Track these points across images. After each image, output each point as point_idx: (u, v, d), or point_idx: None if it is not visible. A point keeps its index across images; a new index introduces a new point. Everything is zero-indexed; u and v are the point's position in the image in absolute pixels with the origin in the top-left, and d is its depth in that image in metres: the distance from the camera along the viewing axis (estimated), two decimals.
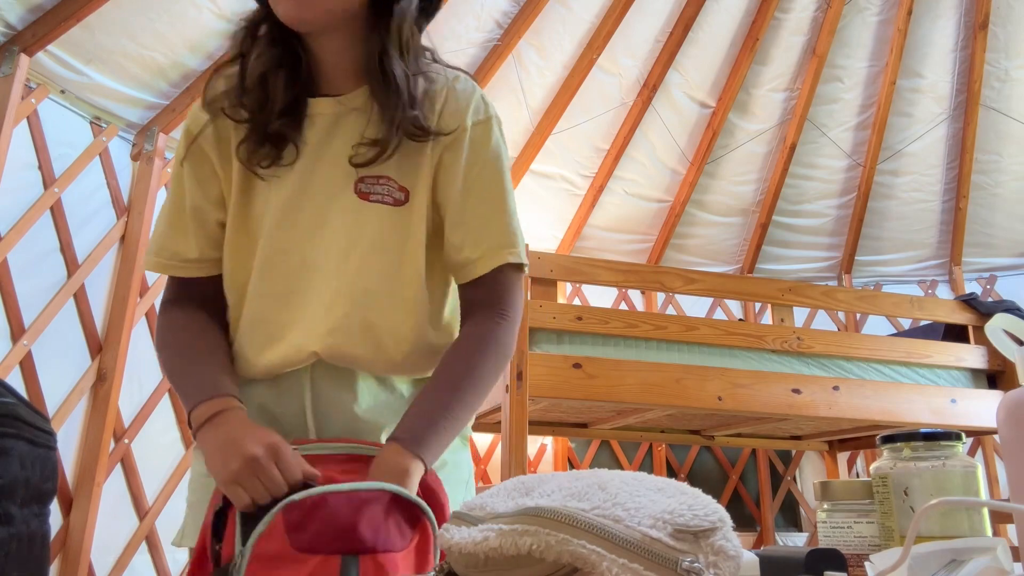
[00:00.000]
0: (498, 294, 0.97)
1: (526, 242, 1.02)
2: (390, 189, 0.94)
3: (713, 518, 0.51)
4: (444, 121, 0.95)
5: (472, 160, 0.96)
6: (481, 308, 0.97)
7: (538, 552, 0.50)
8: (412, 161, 0.95)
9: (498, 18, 3.62)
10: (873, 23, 4.08)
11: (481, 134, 0.98)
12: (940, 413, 2.80)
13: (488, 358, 0.94)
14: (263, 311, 0.95)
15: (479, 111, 0.98)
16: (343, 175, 0.94)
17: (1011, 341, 0.84)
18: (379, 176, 0.94)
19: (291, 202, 0.94)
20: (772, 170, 4.41)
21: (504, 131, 1.02)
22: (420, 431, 0.87)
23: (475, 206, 0.96)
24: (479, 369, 0.93)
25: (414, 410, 0.90)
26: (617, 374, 2.46)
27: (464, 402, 0.92)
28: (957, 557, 0.63)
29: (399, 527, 0.78)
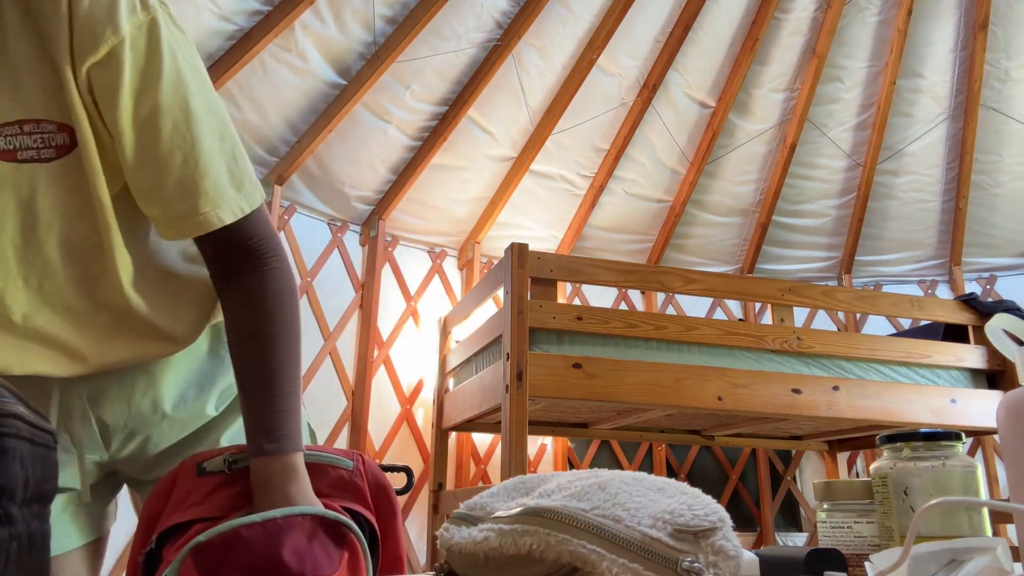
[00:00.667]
0: (242, 245, 0.78)
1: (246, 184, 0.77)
2: (46, 137, 0.67)
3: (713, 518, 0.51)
4: (80, 31, 0.65)
5: (141, 85, 0.68)
6: (231, 260, 0.79)
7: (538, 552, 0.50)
8: (61, 91, 0.67)
9: (498, 18, 3.62)
10: (873, 23, 4.08)
11: (146, 42, 0.68)
12: (940, 413, 2.80)
13: (284, 315, 0.79)
14: None
15: (136, 10, 0.67)
16: None
17: (1011, 341, 0.84)
18: (21, 121, 0.65)
19: None
20: (772, 170, 4.41)
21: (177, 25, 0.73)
22: (277, 429, 0.76)
23: (158, 150, 0.71)
24: (283, 330, 0.79)
25: (253, 411, 0.77)
26: (617, 374, 2.46)
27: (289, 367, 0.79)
28: (957, 557, 0.63)
29: (325, 549, 0.72)
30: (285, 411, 0.77)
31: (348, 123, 3.53)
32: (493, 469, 3.90)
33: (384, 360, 3.73)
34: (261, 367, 0.77)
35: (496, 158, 4.02)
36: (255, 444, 0.76)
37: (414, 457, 3.67)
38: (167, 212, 0.73)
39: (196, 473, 0.77)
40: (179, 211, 0.73)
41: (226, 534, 0.68)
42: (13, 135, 0.65)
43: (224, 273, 0.80)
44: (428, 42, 3.49)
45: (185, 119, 0.71)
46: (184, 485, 0.77)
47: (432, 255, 4.12)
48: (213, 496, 0.76)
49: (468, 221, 4.15)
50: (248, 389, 0.78)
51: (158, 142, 0.70)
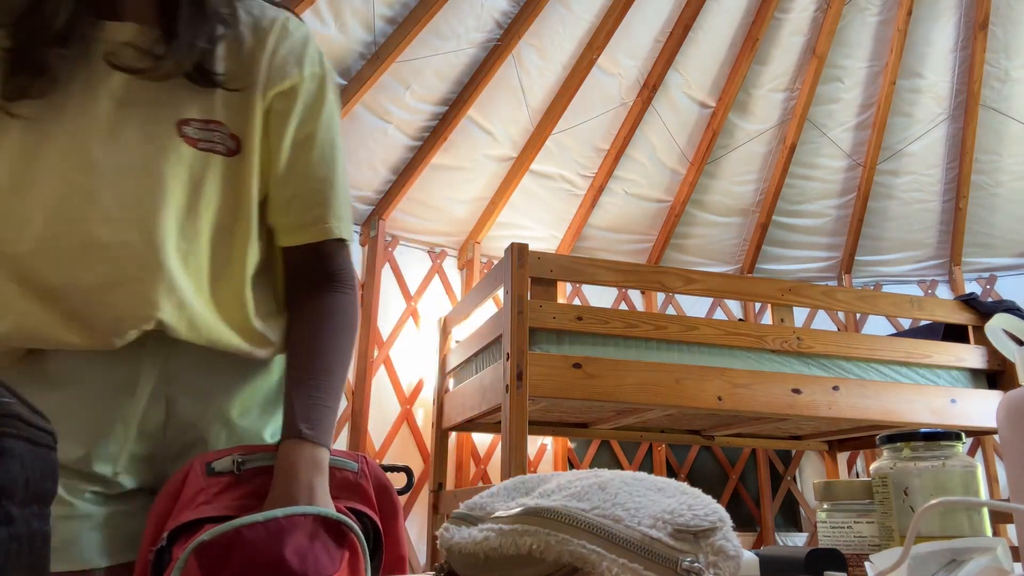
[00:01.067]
0: (335, 268, 0.91)
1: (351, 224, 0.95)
2: (222, 136, 0.83)
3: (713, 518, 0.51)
4: (276, 65, 0.85)
5: (307, 116, 0.88)
6: (319, 279, 0.91)
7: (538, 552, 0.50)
8: (242, 108, 0.84)
9: (498, 18, 3.62)
10: (873, 23, 4.08)
11: (316, 90, 0.89)
12: (940, 413, 2.80)
13: (347, 333, 0.90)
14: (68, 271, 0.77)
15: (314, 61, 0.89)
16: (159, 114, 0.80)
17: (1011, 341, 0.84)
18: (208, 120, 0.82)
19: (95, 141, 0.77)
20: (772, 170, 4.42)
21: (337, 89, 0.95)
22: (316, 420, 0.81)
23: (306, 169, 0.88)
24: (343, 344, 0.89)
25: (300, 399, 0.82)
26: (617, 374, 2.46)
27: (339, 379, 0.87)
28: (957, 557, 0.63)
29: (327, 549, 0.73)
30: (327, 409, 0.83)
31: (348, 123, 3.53)
32: (493, 469, 3.90)
33: (384, 360, 3.74)
34: (317, 366, 0.85)
35: (496, 158, 4.02)
36: (294, 427, 0.80)
37: (414, 457, 3.67)
38: (301, 218, 0.89)
39: (205, 473, 0.78)
40: (311, 218, 0.89)
41: (228, 533, 0.68)
42: (200, 128, 0.81)
43: (308, 286, 0.91)
44: (428, 42, 3.49)
45: (331, 150, 0.91)
46: (193, 484, 0.77)
47: (432, 255, 4.12)
48: (222, 496, 0.76)
49: (468, 221, 4.15)
50: (299, 382, 0.84)
51: (308, 160, 0.89)
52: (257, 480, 0.78)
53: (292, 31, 0.88)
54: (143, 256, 0.78)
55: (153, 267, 0.78)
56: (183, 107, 0.81)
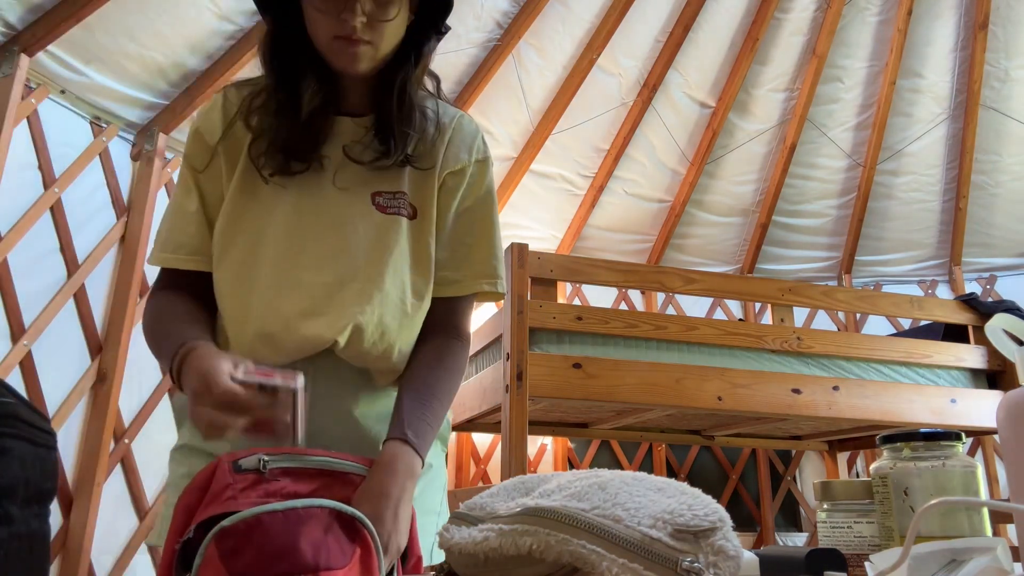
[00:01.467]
0: (458, 319, 1.08)
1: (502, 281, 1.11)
2: (404, 204, 1.03)
3: (713, 518, 0.51)
4: (451, 152, 1.06)
5: (470, 192, 1.08)
6: (439, 329, 1.06)
7: (538, 552, 0.50)
8: (422, 184, 1.04)
9: (498, 18, 3.62)
10: (873, 23, 4.08)
11: (480, 171, 1.10)
12: (940, 413, 2.80)
13: (456, 376, 1.05)
14: (274, 301, 0.97)
15: (479, 150, 1.11)
16: (360, 188, 1.01)
17: (1011, 341, 0.84)
18: (395, 191, 1.02)
19: (308, 206, 0.99)
20: (772, 170, 4.41)
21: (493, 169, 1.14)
22: (419, 432, 0.93)
23: (466, 232, 1.07)
24: (450, 383, 1.03)
25: (410, 413, 0.95)
26: (617, 374, 2.46)
27: (444, 409, 1.01)
28: (957, 557, 0.63)
29: (339, 543, 0.76)
30: (429, 428, 0.96)
31: None
32: (493, 469, 3.90)
33: None
34: (431, 393, 0.99)
35: (496, 158, 4.00)
36: (401, 431, 0.92)
37: None
38: (458, 274, 1.07)
39: (232, 469, 0.81)
40: (469, 273, 1.07)
41: (248, 520, 0.72)
42: (390, 198, 1.02)
43: (437, 334, 1.06)
44: None
45: (489, 222, 1.10)
46: (221, 480, 0.80)
47: None
48: (248, 492, 0.79)
49: None
50: (414, 399, 0.98)
51: (469, 228, 1.08)
52: (282, 480, 0.82)
53: (465, 127, 1.11)
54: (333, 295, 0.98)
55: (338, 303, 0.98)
56: (377, 182, 1.02)
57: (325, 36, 0.95)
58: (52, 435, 0.58)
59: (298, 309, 0.97)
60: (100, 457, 2.67)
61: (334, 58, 0.96)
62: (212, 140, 1.01)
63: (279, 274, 0.98)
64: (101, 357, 2.78)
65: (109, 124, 2.95)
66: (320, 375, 0.98)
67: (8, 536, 0.45)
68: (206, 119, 1.03)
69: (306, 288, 0.98)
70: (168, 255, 1.00)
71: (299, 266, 0.98)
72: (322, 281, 0.98)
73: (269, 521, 0.72)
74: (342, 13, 0.92)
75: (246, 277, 0.99)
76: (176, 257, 1.00)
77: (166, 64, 2.94)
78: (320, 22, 0.94)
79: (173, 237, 1.01)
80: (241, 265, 0.99)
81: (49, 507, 0.57)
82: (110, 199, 2.94)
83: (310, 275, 0.98)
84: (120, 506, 2.79)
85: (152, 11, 2.76)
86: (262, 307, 0.97)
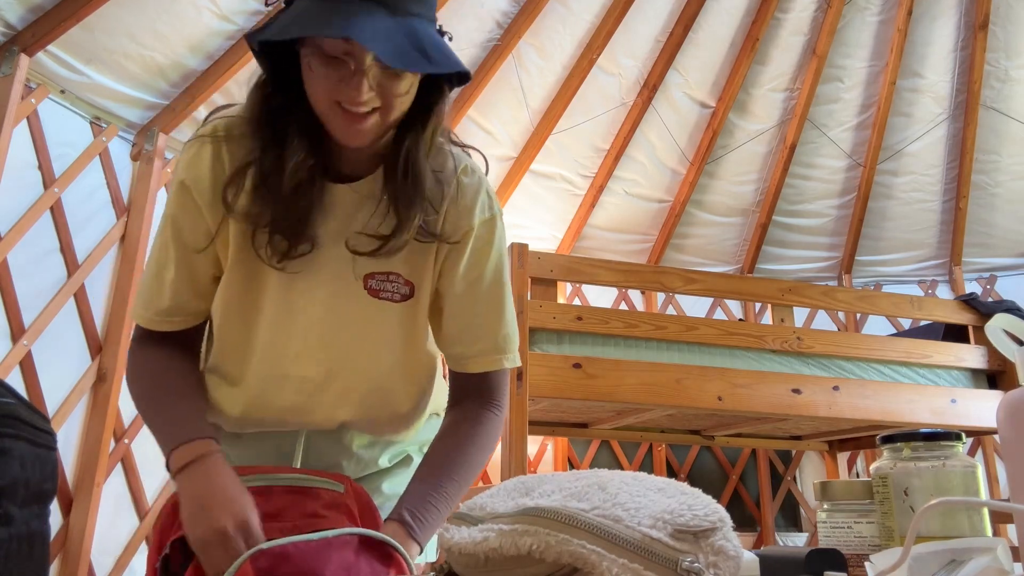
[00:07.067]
0: (490, 389, 1.02)
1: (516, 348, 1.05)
2: (398, 286, 0.96)
3: (713, 518, 0.51)
4: (450, 219, 0.96)
5: (475, 259, 0.99)
6: (473, 399, 1.01)
7: (538, 552, 0.50)
8: (419, 256, 0.96)
9: (498, 18, 3.62)
10: (873, 23, 4.08)
11: (486, 233, 0.99)
12: (940, 413, 2.80)
13: (481, 449, 0.99)
14: (264, 395, 0.96)
15: (484, 209, 0.99)
16: (352, 269, 0.94)
17: (1011, 341, 0.84)
18: (388, 272, 0.95)
19: (300, 289, 0.94)
20: (772, 170, 4.41)
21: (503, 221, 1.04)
22: (421, 515, 0.89)
23: (474, 305, 0.99)
24: (473, 457, 0.97)
25: (414, 493, 0.91)
26: (617, 374, 2.46)
27: (459, 488, 0.95)
28: (957, 557, 0.63)
29: (371, 566, 0.78)
30: (435, 511, 0.90)
31: None
32: (493, 469, 3.89)
33: None
34: (446, 471, 0.94)
35: (496, 158, 4.02)
36: (399, 513, 0.88)
37: None
38: (470, 350, 1.00)
39: None
40: (478, 350, 1.00)
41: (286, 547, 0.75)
42: (383, 280, 0.95)
43: (468, 400, 1.01)
44: None
45: (498, 287, 1.01)
46: None
47: None
48: None
49: None
50: (424, 478, 0.94)
51: (476, 300, 0.99)
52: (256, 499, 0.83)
53: (466, 185, 0.97)
54: (321, 391, 0.96)
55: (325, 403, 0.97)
56: (369, 263, 0.94)
57: (326, 99, 0.83)
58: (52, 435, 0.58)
59: (288, 404, 0.96)
60: (100, 457, 2.67)
61: (334, 128, 0.85)
62: (202, 200, 0.92)
63: (268, 366, 0.96)
64: (101, 357, 2.78)
65: (109, 124, 2.95)
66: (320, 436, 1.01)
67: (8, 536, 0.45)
68: (194, 171, 0.92)
69: (293, 383, 0.96)
70: (151, 316, 0.96)
71: (287, 357, 0.95)
72: (312, 375, 0.96)
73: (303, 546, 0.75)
74: (348, 81, 0.81)
75: (240, 359, 0.97)
76: (159, 319, 0.96)
77: (166, 64, 2.94)
78: (321, 83, 0.82)
79: (154, 301, 0.96)
80: (235, 348, 0.97)
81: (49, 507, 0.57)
82: (110, 199, 2.93)
83: (297, 368, 0.95)
84: (120, 506, 2.79)
85: (152, 11, 2.76)
86: (254, 396, 0.96)
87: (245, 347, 0.96)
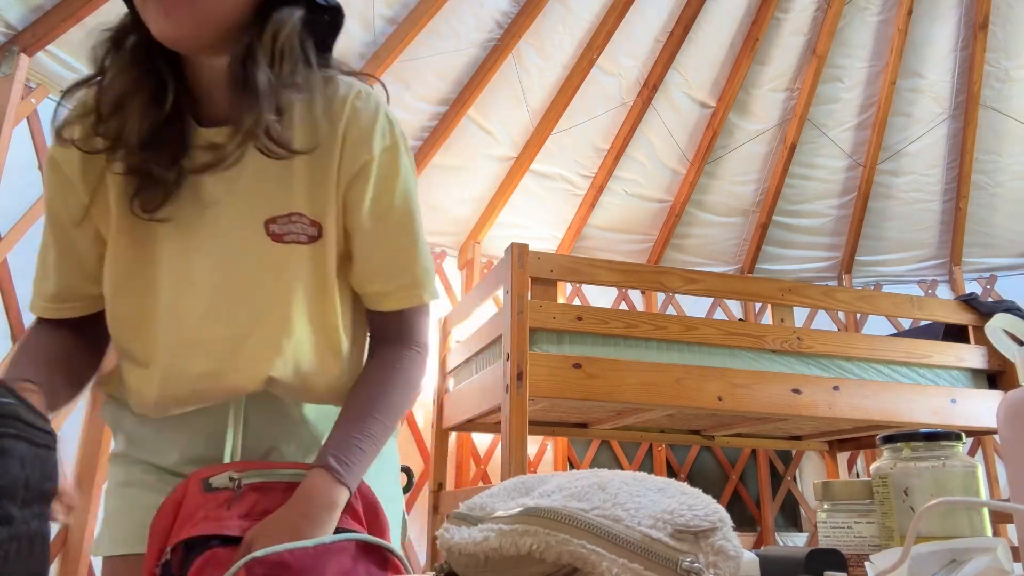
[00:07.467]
0: (410, 329, 0.97)
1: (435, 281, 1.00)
2: (303, 227, 0.89)
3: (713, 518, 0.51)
4: (348, 150, 0.89)
5: (380, 192, 0.92)
6: (393, 340, 0.97)
7: (538, 552, 0.50)
8: (320, 191, 0.90)
9: (498, 18, 3.62)
10: (873, 23, 4.08)
11: (388, 162, 0.92)
12: (940, 413, 2.80)
13: (404, 389, 0.95)
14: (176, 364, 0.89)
15: (385, 135, 0.92)
16: (249, 215, 0.88)
17: (1011, 341, 0.84)
18: (290, 214, 0.89)
19: (196, 247, 0.88)
20: (772, 170, 4.41)
21: (409, 150, 0.97)
22: (347, 458, 0.85)
23: (386, 240, 0.94)
24: (396, 397, 0.93)
25: (338, 436, 0.87)
26: (617, 374, 2.46)
27: (384, 428, 0.91)
28: (957, 557, 0.63)
29: (368, 572, 0.77)
30: (361, 452, 0.87)
31: None
32: (493, 469, 3.89)
33: None
34: (368, 411, 0.90)
35: (496, 158, 4.02)
36: (323, 457, 0.84)
37: (414, 457, 3.67)
38: (384, 286, 0.95)
39: (202, 489, 0.80)
40: (395, 285, 0.94)
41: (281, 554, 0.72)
42: (285, 222, 0.89)
43: (385, 342, 0.97)
44: (428, 42, 3.49)
45: (408, 219, 0.95)
46: (192, 500, 0.79)
47: (432, 255, 4.11)
48: (221, 512, 0.79)
49: (468, 221, 4.15)
50: (346, 420, 0.90)
51: (387, 231, 0.93)
52: (254, 496, 0.81)
53: (360, 110, 0.90)
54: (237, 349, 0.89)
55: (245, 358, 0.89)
56: (268, 206, 0.88)
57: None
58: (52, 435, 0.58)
59: (203, 370, 0.88)
60: (100, 457, 2.67)
61: (149, 20, 0.79)
62: (71, 171, 0.88)
63: (174, 335, 0.88)
64: None
65: None
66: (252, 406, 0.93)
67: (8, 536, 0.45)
68: (61, 145, 0.87)
69: (207, 346, 0.88)
70: (41, 303, 0.93)
71: (193, 321, 0.88)
72: (223, 336, 0.89)
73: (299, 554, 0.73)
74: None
75: (145, 336, 0.90)
76: (50, 306, 0.93)
77: None
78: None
79: (41, 287, 0.93)
80: (136, 325, 0.90)
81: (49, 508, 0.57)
82: None
83: (208, 330, 0.88)
84: None
85: None
86: (165, 369, 0.89)
87: (146, 321, 0.89)
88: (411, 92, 3.61)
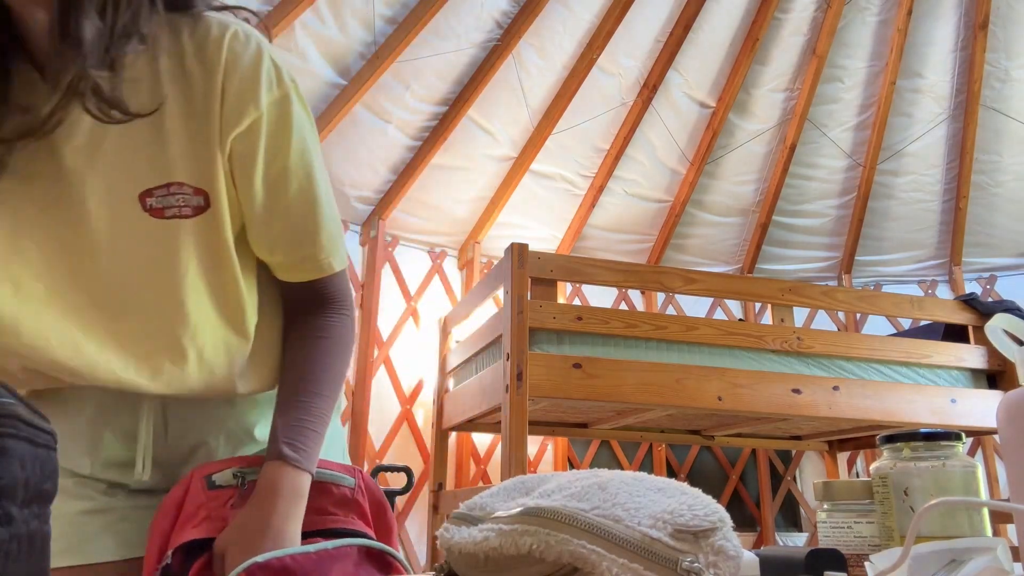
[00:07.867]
0: (327, 295, 0.90)
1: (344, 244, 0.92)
2: (186, 197, 0.77)
3: (713, 518, 0.51)
4: (229, 104, 0.76)
5: (273, 151, 0.80)
6: (313, 310, 0.90)
7: (538, 552, 0.50)
8: (203, 155, 0.77)
9: (498, 18, 3.62)
10: (873, 23, 4.08)
11: (279, 116, 0.79)
12: (940, 413, 2.80)
13: (339, 356, 0.89)
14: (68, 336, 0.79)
15: (272, 85, 0.79)
16: (123, 190, 0.75)
17: (1011, 341, 0.84)
18: (169, 184, 0.76)
19: (66, 231, 0.76)
20: (772, 170, 4.41)
21: (302, 94, 0.83)
22: (301, 444, 0.80)
23: (284, 208, 0.83)
24: (332, 367, 0.88)
25: (285, 422, 0.82)
26: (617, 374, 2.46)
27: (329, 403, 0.86)
28: (957, 557, 0.63)
29: None
30: (313, 433, 0.82)
31: (348, 123, 3.53)
32: (493, 469, 3.89)
33: (384, 360, 3.73)
34: (307, 389, 0.85)
35: (496, 158, 4.02)
36: (276, 450, 0.79)
37: (414, 457, 3.67)
38: (289, 258, 0.86)
39: (206, 487, 0.78)
40: (300, 256, 0.86)
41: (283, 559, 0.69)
42: (163, 195, 0.76)
43: (306, 312, 0.89)
44: (428, 42, 3.49)
45: (308, 181, 0.84)
46: (195, 499, 0.77)
47: (432, 255, 4.11)
48: (225, 511, 0.77)
49: (468, 221, 4.15)
50: (287, 404, 0.84)
51: (285, 198, 0.82)
52: None
53: (240, 55, 0.76)
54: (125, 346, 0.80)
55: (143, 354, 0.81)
56: (143, 176, 0.76)
57: None
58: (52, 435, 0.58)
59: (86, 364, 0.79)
60: None
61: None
62: None
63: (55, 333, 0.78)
64: None
65: None
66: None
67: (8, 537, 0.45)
68: None
69: (92, 344, 0.79)
70: None
71: (72, 314, 0.78)
72: (107, 329, 0.79)
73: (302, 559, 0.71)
74: None
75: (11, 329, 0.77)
76: None
77: None
78: None
79: None
80: None
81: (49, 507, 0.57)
82: None
83: (89, 325, 0.78)
84: None
85: None
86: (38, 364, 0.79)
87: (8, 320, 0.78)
88: (411, 92, 3.61)
